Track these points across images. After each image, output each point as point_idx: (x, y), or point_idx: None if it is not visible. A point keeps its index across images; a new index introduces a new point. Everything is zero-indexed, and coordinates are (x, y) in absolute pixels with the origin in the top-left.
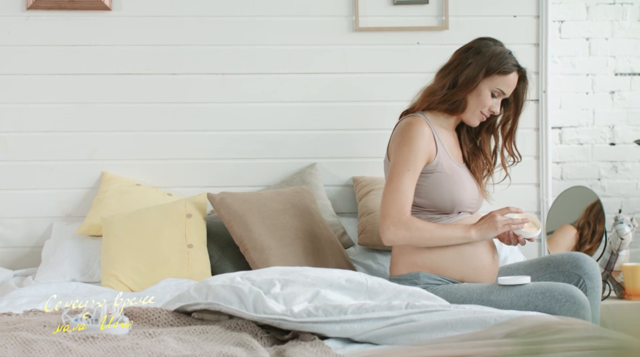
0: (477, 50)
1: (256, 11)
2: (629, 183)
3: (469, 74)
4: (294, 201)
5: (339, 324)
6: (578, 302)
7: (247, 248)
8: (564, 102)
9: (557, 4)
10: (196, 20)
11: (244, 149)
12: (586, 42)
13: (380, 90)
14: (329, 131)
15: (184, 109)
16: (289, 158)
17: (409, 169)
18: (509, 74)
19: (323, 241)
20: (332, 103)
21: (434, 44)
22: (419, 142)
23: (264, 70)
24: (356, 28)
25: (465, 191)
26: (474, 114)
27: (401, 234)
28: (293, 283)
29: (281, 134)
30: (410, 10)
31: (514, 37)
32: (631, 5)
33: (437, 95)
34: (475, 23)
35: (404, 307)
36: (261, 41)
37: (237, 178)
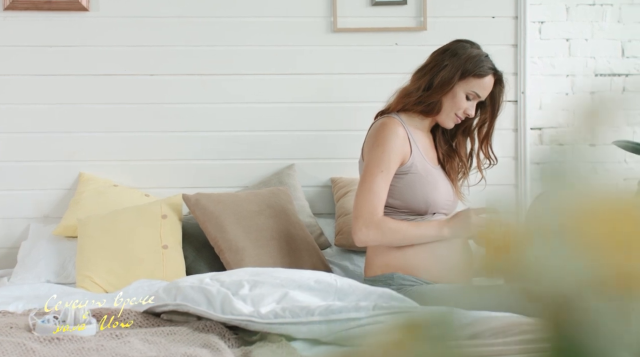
0: (453, 53)
1: (235, 12)
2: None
3: (444, 76)
4: (270, 201)
5: (306, 326)
6: None
7: (222, 249)
8: (544, 103)
9: (537, 5)
10: (175, 21)
11: (223, 150)
12: (566, 43)
13: (359, 91)
14: (308, 132)
15: (162, 109)
16: (267, 159)
17: (382, 170)
18: (484, 76)
19: (299, 242)
20: (310, 104)
21: (412, 44)
22: (392, 143)
23: (242, 71)
24: (334, 29)
25: (439, 192)
26: (448, 116)
27: (373, 235)
28: (262, 284)
29: (260, 135)
30: (388, 11)
31: (492, 38)
32: (611, 6)
33: (412, 97)
34: (453, 24)
35: (371, 309)
36: (239, 42)
37: (216, 179)
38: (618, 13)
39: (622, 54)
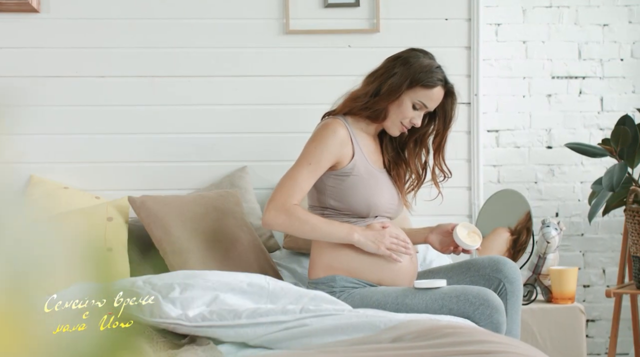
0: (404, 61)
1: (185, 13)
2: (565, 186)
3: (392, 84)
4: (216, 204)
5: (232, 329)
6: (492, 306)
7: (166, 251)
8: (500, 105)
9: (493, 7)
10: (125, 23)
11: (174, 152)
12: (523, 45)
13: (312, 93)
14: (260, 134)
15: (112, 111)
16: (219, 161)
17: (310, 163)
18: (432, 88)
19: (246, 245)
20: (263, 106)
21: (365, 46)
22: (328, 141)
23: (193, 72)
24: (287, 30)
25: (382, 195)
26: (394, 124)
27: (280, 219)
28: (193, 287)
29: (211, 137)
30: (341, 12)
31: (445, 40)
32: (568, 8)
33: (359, 102)
34: (406, 26)
35: (298, 312)
36: (191, 43)
37: (167, 181)
38: (575, 15)
39: (579, 56)
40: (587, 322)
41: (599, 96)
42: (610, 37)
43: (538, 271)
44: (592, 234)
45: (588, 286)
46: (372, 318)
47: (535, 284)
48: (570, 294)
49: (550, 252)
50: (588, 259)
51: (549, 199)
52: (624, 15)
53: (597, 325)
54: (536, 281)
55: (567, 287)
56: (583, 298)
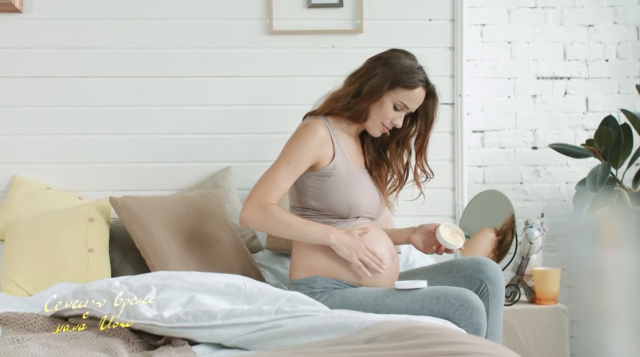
0: (386, 62)
1: (169, 14)
2: (551, 187)
3: (373, 84)
4: (198, 205)
5: (207, 330)
6: (472, 307)
7: (147, 252)
8: (485, 106)
9: (478, 8)
10: (108, 23)
11: (158, 152)
12: (508, 46)
13: (295, 94)
14: (244, 135)
15: (96, 112)
16: (202, 162)
17: (289, 162)
18: (413, 88)
19: (228, 245)
20: (246, 106)
21: (348, 47)
22: (308, 140)
23: (177, 73)
24: (270, 31)
25: (363, 196)
26: (375, 125)
27: (257, 217)
28: (170, 288)
29: (195, 138)
30: (325, 13)
31: (429, 40)
32: (552, 9)
33: (340, 103)
34: (390, 27)
35: (274, 313)
36: (174, 44)
37: (150, 182)
38: (560, 16)
39: (564, 56)
40: (572, 323)
41: (584, 97)
42: (595, 37)
43: (521, 271)
44: None
45: (573, 287)
46: (346, 319)
47: (518, 285)
48: (553, 294)
49: (534, 253)
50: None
51: (535, 199)
52: (609, 16)
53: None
54: (520, 281)
55: (550, 288)
56: (568, 299)
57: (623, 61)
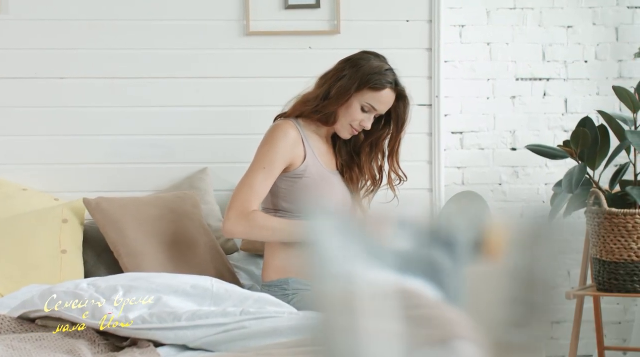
0: (354, 63)
1: (145, 15)
2: (530, 188)
3: (341, 86)
4: (173, 206)
5: (172, 331)
6: None
7: (120, 254)
8: (464, 107)
9: (457, 9)
10: (84, 24)
11: (134, 153)
12: (487, 47)
13: (272, 95)
14: (221, 136)
15: (73, 113)
16: (179, 163)
17: (264, 167)
18: (380, 90)
19: (203, 247)
20: (223, 108)
21: (326, 48)
22: (280, 143)
23: (153, 74)
24: (247, 32)
25: (334, 197)
26: (344, 127)
27: (241, 228)
28: (137, 290)
29: (172, 139)
30: (302, 14)
31: (407, 42)
32: (532, 10)
33: (310, 106)
34: (367, 28)
35: (239, 314)
36: (151, 45)
37: (127, 183)
38: (539, 17)
39: (543, 58)
40: (552, 324)
41: (564, 98)
42: (574, 39)
43: None
44: None
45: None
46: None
47: None
48: None
49: None
50: None
51: (514, 200)
52: (588, 17)
53: (562, 327)
54: None
55: None
56: None
57: (602, 62)
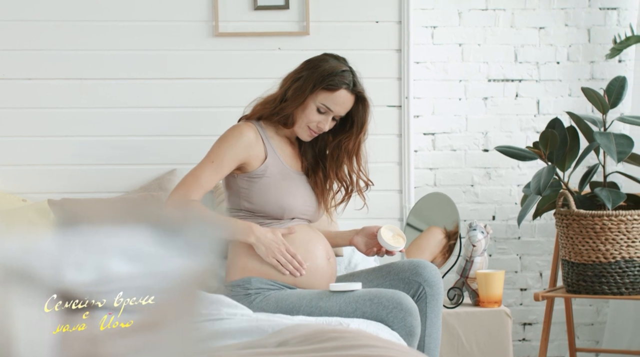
0: (312, 65)
1: (114, 15)
2: (502, 189)
3: (297, 88)
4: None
5: None
6: (405, 309)
7: None
8: (436, 108)
9: (429, 10)
10: (52, 25)
11: (103, 154)
12: (459, 48)
13: (241, 96)
14: (190, 137)
15: (41, 114)
16: (148, 164)
17: (212, 161)
18: (334, 91)
19: None
20: (192, 109)
21: (295, 49)
22: (232, 142)
23: (122, 75)
24: (216, 33)
25: (296, 198)
26: (302, 129)
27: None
28: None
29: (140, 140)
30: (271, 15)
31: (376, 43)
32: (503, 11)
33: (268, 108)
34: (336, 29)
35: None
36: (119, 46)
37: (96, 184)
38: (511, 18)
39: (515, 59)
40: (524, 325)
41: (536, 99)
42: (546, 40)
43: (466, 274)
44: (528, 238)
45: (525, 289)
46: (260, 322)
47: (462, 288)
48: (497, 297)
49: (477, 255)
50: (525, 262)
51: (486, 202)
52: (560, 18)
53: (535, 328)
54: (464, 284)
55: (493, 290)
56: (520, 301)
57: (574, 64)
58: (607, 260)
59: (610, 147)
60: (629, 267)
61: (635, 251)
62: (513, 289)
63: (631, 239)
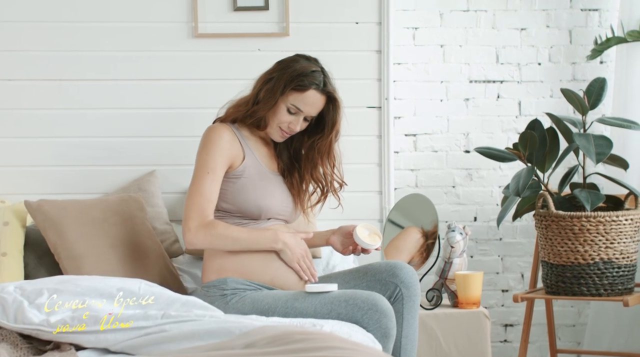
0: (283, 66)
1: (93, 16)
2: (483, 191)
3: (268, 89)
4: (117, 208)
5: (93, 334)
6: (380, 311)
7: (60, 256)
8: (418, 109)
9: (410, 11)
10: (31, 26)
11: (83, 155)
12: (440, 49)
13: (221, 97)
14: (169, 138)
15: (19, 115)
16: (128, 165)
17: (208, 171)
18: (303, 91)
19: (144, 250)
20: (172, 110)
21: (275, 50)
22: (217, 144)
23: (101, 76)
24: (195, 34)
25: (273, 198)
26: (274, 130)
27: (201, 236)
28: (62, 293)
29: (120, 141)
30: (250, 16)
31: (356, 44)
32: (485, 12)
33: (241, 111)
34: (316, 29)
35: (160, 317)
36: (99, 47)
37: (75, 185)
38: (492, 19)
39: (497, 60)
40: (506, 326)
41: (517, 100)
42: (527, 41)
43: (444, 275)
44: (510, 239)
45: (507, 291)
46: (229, 324)
47: (442, 289)
48: (475, 298)
49: (455, 256)
50: (507, 264)
51: (467, 203)
52: (542, 19)
53: (516, 330)
54: (443, 285)
55: (472, 292)
56: (502, 303)
57: (555, 65)
58: (586, 261)
59: (589, 149)
60: (607, 268)
61: (613, 253)
62: (494, 290)
63: (610, 240)
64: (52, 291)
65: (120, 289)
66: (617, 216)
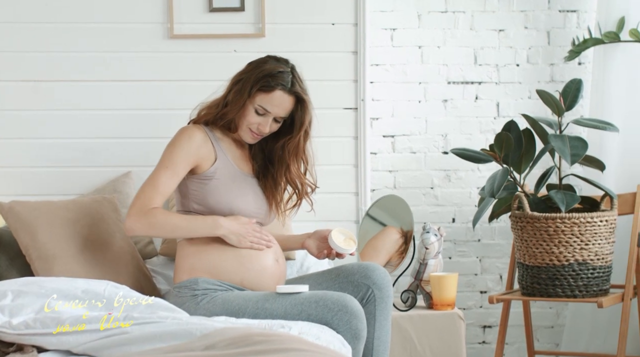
0: (252, 67)
1: (69, 17)
2: (462, 192)
3: (237, 91)
4: (89, 210)
5: (55, 336)
6: (350, 312)
7: (32, 257)
8: (396, 111)
9: (388, 12)
10: (7, 27)
11: (58, 156)
12: (418, 50)
13: (197, 98)
14: (145, 139)
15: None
16: (103, 166)
17: (167, 166)
18: (270, 91)
19: (117, 251)
20: (147, 111)
21: (250, 51)
22: (183, 144)
23: (78, 77)
24: (171, 35)
25: (245, 200)
26: (244, 131)
27: (140, 224)
28: (26, 294)
29: (96, 142)
30: (226, 17)
31: (332, 45)
32: (463, 13)
33: (212, 115)
34: (292, 30)
35: (122, 319)
36: (75, 47)
37: (50, 186)
38: (470, 20)
39: (475, 61)
40: (484, 328)
41: (495, 101)
42: (506, 42)
43: (420, 277)
44: (488, 240)
45: (485, 292)
46: (190, 326)
47: (417, 291)
48: (450, 300)
49: (430, 258)
50: (485, 265)
51: (445, 204)
52: (520, 20)
53: (494, 331)
54: (418, 287)
55: (446, 293)
56: (480, 304)
57: (534, 66)
58: (561, 263)
59: (564, 150)
60: (582, 269)
61: (588, 254)
62: (473, 291)
63: (584, 241)
64: (16, 292)
65: (85, 291)
66: (592, 218)
